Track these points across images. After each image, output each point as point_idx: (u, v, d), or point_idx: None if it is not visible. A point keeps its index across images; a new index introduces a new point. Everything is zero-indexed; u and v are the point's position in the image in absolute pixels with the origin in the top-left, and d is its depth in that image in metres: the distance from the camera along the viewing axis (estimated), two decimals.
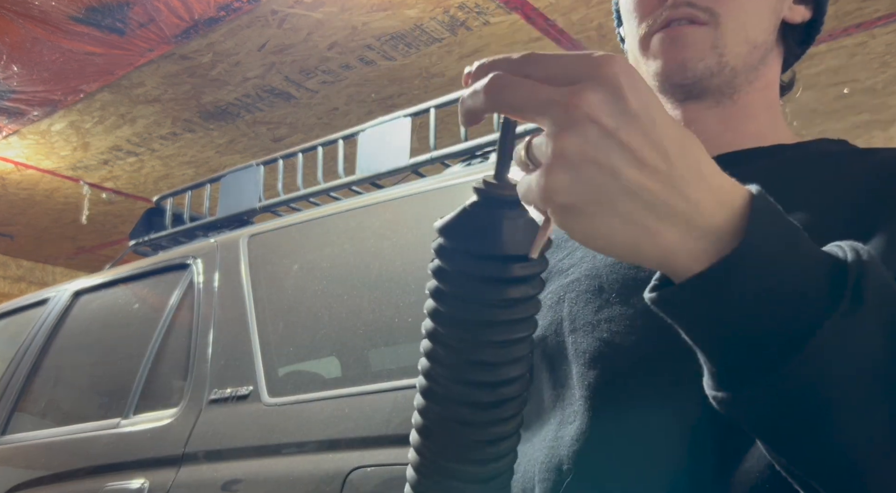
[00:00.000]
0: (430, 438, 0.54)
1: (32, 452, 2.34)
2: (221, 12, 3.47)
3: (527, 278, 0.51)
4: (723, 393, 0.45)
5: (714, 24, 0.69)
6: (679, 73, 0.70)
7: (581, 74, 0.42)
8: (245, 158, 4.87)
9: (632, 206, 0.42)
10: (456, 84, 3.90)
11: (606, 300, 0.66)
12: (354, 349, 1.87)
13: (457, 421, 0.53)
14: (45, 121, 4.50)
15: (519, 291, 0.51)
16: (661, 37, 0.70)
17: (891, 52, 3.83)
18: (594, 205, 0.42)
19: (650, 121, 0.42)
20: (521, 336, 0.52)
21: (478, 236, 0.50)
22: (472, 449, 0.53)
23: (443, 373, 0.52)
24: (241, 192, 2.55)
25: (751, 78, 0.73)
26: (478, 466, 0.54)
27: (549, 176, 0.42)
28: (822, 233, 0.60)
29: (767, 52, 0.74)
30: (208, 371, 1.94)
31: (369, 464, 1.50)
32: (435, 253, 0.52)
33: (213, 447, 1.79)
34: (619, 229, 0.42)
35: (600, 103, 0.41)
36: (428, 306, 0.53)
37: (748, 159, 0.70)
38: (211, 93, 4.22)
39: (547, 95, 0.42)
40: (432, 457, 0.54)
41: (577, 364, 0.65)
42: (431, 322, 0.53)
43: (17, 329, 2.80)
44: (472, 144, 2.00)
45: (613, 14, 0.85)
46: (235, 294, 2.05)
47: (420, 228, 1.90)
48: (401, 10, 3.47)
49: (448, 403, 0.53)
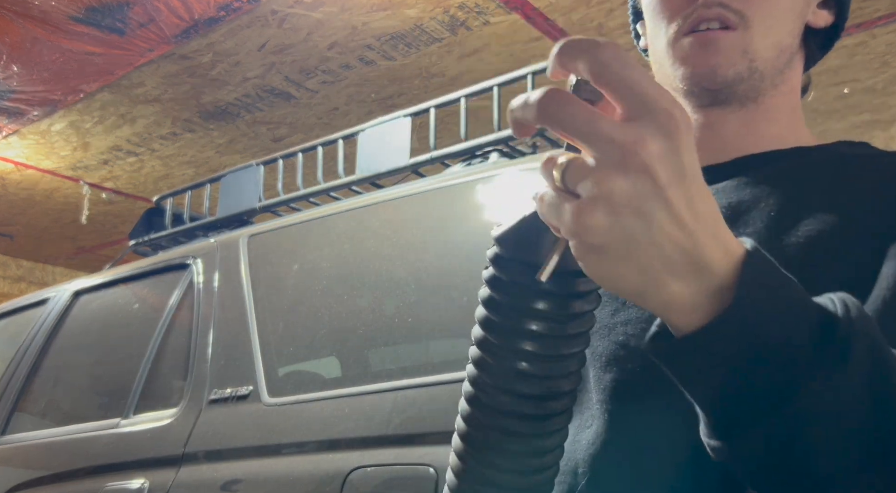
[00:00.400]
0: (472, 445, 0.53)
1: (32, 452, 2.34)
2: (221, 12, 3.47)
3: (586, 294, 0.50)
4: (716, 442, 0.46)
5: (744, 28, 0.68)
6: (709, 78, 0.69)
7: (648, 111, 0.40)
8: (245, 158, 4.87)
9: (653, 258, 0.42)
10: (456, 84, 3.90)
11: (623, 303, 0.66)
12: (354, 349, 1.87)
13: (502, 431, 0.52)
14: (45, 121, 4.49)
15: (578, 306, 0.50)
16: (691, 41, 0.69)
17: (891, 51, 3.83)
18: (620, 251, 0.41)
19: (693, 179, 0.42)
20: (573, 352, 0.51)
21: (539, 248, 0.48)
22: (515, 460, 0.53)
23: (490, 382, 0.52)
24: (241, 192, 2.54)
25: (776, 82, 0.72)
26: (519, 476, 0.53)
27: (588, 214, 0.41)
28: (840, 237, 0.60)
29: (793, 55, 0.73)
30: (208, 371, 1.94)
31: (369, 464, 1.50)
32: (491, 262, 0.51)
33: (213, 447, 1.79)
34: (631, 277, 0.42)
35: (660, 157, 0.40)
36: (479, 313, 0.52)
37: (767, 162, 0.70)
38: (211, 93, 4.22)
39: (606, 129, 0.40)
40: (473, 464, 0.54)
41: (594, 367, 0.65)
42: (482, 331, 0.52)
43: (17, 329, 2.80)
44: (472, 143, 1.99)
45: (629, 10, 0.84)
46: (235, 294, 2.04)
47: (420, 228, 1.90)
48: (401, 9, 3.47)
49: (495, 412, 0.52)
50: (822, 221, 0.61)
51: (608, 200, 0.40)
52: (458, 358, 1.63)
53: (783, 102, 0.74)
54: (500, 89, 1.98)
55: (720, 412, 0.46)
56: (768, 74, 0.71)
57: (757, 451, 0.44)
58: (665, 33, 0.71)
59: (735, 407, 0.45)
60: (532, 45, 3.79)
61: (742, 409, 0.44)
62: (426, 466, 1.41)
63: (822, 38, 0.78)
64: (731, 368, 0.44)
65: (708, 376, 0.45)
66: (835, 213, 0.62)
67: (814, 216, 0.62)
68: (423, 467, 1.41)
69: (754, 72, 0.69)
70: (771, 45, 0.70)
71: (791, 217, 0.63)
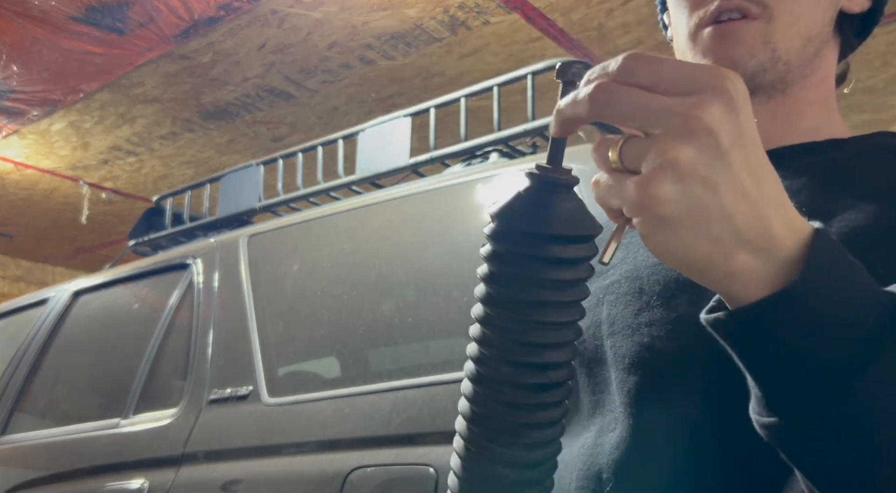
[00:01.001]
0: (476, 422, 0.53)
1: (32, 452, 2.34)
2: (221, 12, 3.47)
3: (581, 260, 0.50)
4: (770, 418, 0.45)
5: (766, 18, 0.66)
6: None
7: (701, 85, 0.41)
8: (245, 157, 4.87)
9: (723, 227, 0.41)
10: (456, 84, 3.90)
11: (647, 303, 0.64)
12: (354, 349, 1.87)
13: (504, 403, 0.52)
14: (45, 121, 4.49)
15: (574, 272, 0.50)
16: (710, 32, 0.68)
17: (891, 51, 3.83)
18: (691, 220, 0.41)
19: (754, 145, 0.42)
20: (570, 320, 0.51)
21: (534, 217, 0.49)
22: (519, 432, 0.52)
23: (492, 355, 0.52)
24: (241, 192, 2.54)
25: (805, 72, 0.70)
26: (524, 450, 0.53)
27: (655, 184, 0.41)
28: (877, 231, 0.58)
29: (823, 44, 0.71)
30: (208, 371, 1.94)
31: (369, 464, 1.50)
32: (489, 237, 0.51)
33: (213, 447, 1.79)
34: (700, 247, 0.42)
35: (723, 117, 0.40)
36: (479, 291, 0.52)
37: (801, 155, 0.68)
38: (211, 93, 4.22)
39: (663, 103, 0.41)
40: (478, 441, 0.53)
41: (617, 369, 0.64)
42: (483, 307, 0.52)
43: (17, 329, 2.80)
44: (472, 143, 1.99)
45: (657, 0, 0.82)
46: (235, 294, 2.04)
47: (420, 228, 1.90)
48: (401, 9, 3.47)
49: (496, 385, 0.52)
50: (856, 215, 0.60)
51: (674, 168, 0.40)
52: (458, 358, 1.63)
53: (814, 93, 0.72)
54: (499, 89, 1.98)
55: (781, 385, 0.44)
56: (795, 65, 0.69)
57: (810, 429, 0.43)
58: (687, 25, 0.70)
59: (794, 382, 0.43)
60: (532, 45, 3.79)
61: (801, 384, 0.43)
62: (426, 466, 1.41)
63: (858, 24, 0.75)
64: (794, 341, 0.43)
65: (769, 347, 0.44)
66: (871, 206, 0.60)
67: (848, 211, 0.60)
68: (423, 467, 1.41)
69: (777, 62, 0.67)
70: (796, 34, 0.68)
71: (825, 212, 0.61)
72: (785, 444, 0.45)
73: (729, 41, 0.67)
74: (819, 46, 0.70)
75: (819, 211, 0.61)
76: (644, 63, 0.42)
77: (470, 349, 0.54)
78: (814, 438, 0.44)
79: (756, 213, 0.42)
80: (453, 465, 0.56)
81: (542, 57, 3.81)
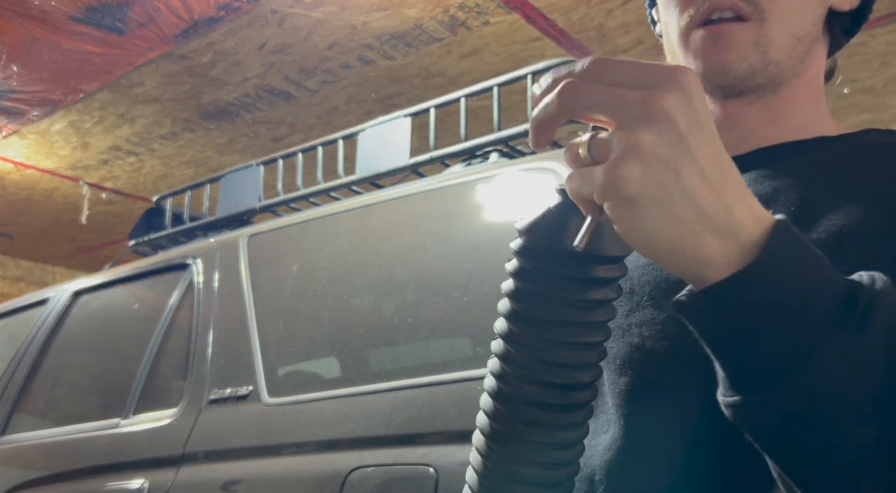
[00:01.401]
0: (495, 439, 0.53)
1: (32, 452, 2.34)
2: (221, 12, 3.47)
3: (610, 280, 0.50)
4: (732, 398, 0.46)
5: (758, 19, 0.66)
6: (720, 75, 0.67)
7: (657, 80, 0.44)
8: (245, 157, 4.87)
9: (687, 209, 0.44)
10: (456, 84, 3.90)
11: (637, 303, 0.64)
12: (354, 349, 1.87)
13: (526, 422, 0.51)
14: (45, 121, 4.49)
15: (602, 293, 0.50)
16: (702, 35, 0.67)
17: (891, 51, 3.83)
18: (655, 200, 0.43)
19: (711, 134, 0.45)
20: (596, 341, 0.51)
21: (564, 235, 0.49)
22: (539, 452, 0.52)
23: (515, 373, 0.51)
24: (241, 192, 2.54)
25: (796, 71, 0.70)
26: (542, 470, 0.52)
27: (620, 166, 0.43)
28: (865, 231, 0.58)
29: (813, 43, 0.71)
30: (208, 371, 1.94)
31: (369, 464, 1.50)
32: (516, 253, 0.51)
33: (213, 447, 1.79)
34: (668, 230, 0.44)
35: (678, 105, 0.44)
36: (503, 306, 0.52)
37: (788, 153, 0.68)
38: (211, 93, 4.22)
39: (625, 94, 0.44)
40: (496, 459, 0.53)
41: (608, 370, 0.64)
42: (507, 323, 0.52)
43: (17, 329, 2.80)
44: (472, 143, 1.99)
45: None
46: (235, 294, 2.04)
47: (420, 228, 1.90)
48: (401, 9, 3.47)
49: (518, 403, 0.51)
50: (845, 214, 0.59)
51: (637, 151, 0.43)
52: (457, 358, 1.63)
53: (804, 92, 0.72)
54: (499, 89, 1.98)
55: (741, 365, 0.46)
56: (786, 65, 0.68)
57: (773, 409, 0.45)
58: (677, 23, 0.69)
59: (755, 362, 0.45)
60: (532, 45, 3.79)
61: (762, 364, 0.45)
62: (426, 466, 1.41)
63: (847, 21, 0.75)
64: (752, 320, 0.45)
65: (729, 327, 0.45)
66: (859, 205, 0.60)
67: (837, 210, 0.60)
68: (423, 467, 1.41)
69: (769, 63, 0.67)
70: (788, 34, 0.67)
71: (812, 211, 0.61)
72: (747, 424, 0.46)
73: (720, 45, 0.66)
74: (809, 45, 0.70)
75: (807, 210, 0.61)
76: (608, 64, 0.46)
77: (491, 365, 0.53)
78: (770, 415, 0.45)
79: (719, 199, 0.44)
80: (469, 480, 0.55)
81: (542, 57, 3.81)
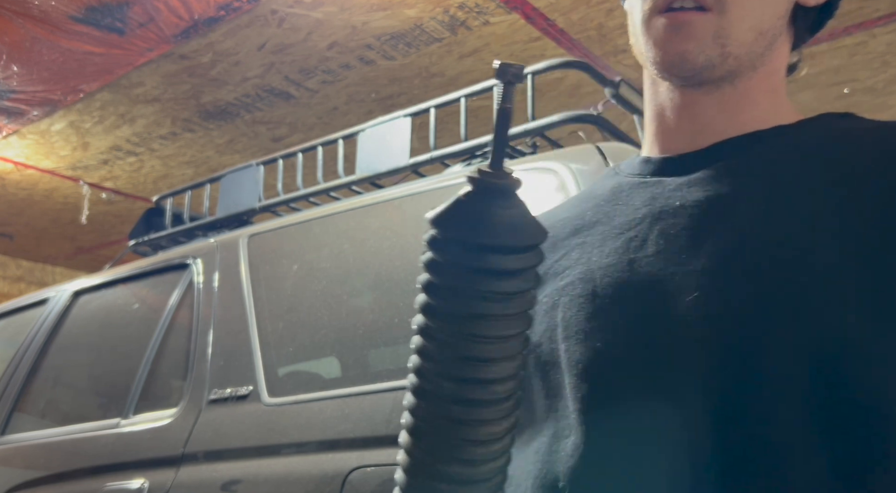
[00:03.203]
0: (419, 438, 0.52)
1: (32, 452, 2.34)
2: (221, 12, 3.46)
3: (522, 270, 0.49)
4: None
5: (719, 11, 0.66)
6: (678, 65, 0.67)
7: None
8: (245, 157, 4.87)
9: None
10: (456, 84, 3.90)
11: (600, 306, 0.63)
12: (354, 349, 1.86)
13: (447, 419, 0.50)
14: (45, 121, 4.49)
15: (513, 284, 0.49)
16: (664, 23, 0.67)
17: (891, 51, 3.83)
18: None
19: None
20: (514, 332, 0.50)
21: (473, 226, 0.48)
22: (463, 449, 0.51)
23: (433, 369, 0.50)
24: (241, 192, 2.54)
25: (755, 65, 0.70)
26: (468, 467, 0.51)
27: None
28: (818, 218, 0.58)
29: (776, 38, 0.70)
30: (208, 371, 1.94)
31: (369, 464, 1.49)
32: (427, 245, 0.50)
33: (213, 447, 1.79)
34: None
35: None
36: (419, 300, 0.51)
37: (745, 146, 0.68)
38: (210, 93, 4.22)
39: None
40: (421, 457, 0.52)
41: (570, 374, 0.63)
42: (422, 317, 0.51)
43: (17, 329, 2.80)
44: (472, 143, 1.99)
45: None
46: (235, 294, 2.04)
47: (420, 228, 1.90)
48: (401, 9, 3.47)
49: (438, 400, 0.50)
50: (811, 207, 0.59)
51: None
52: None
53: (763, 84, 0.71)
54: None
55: None
56: (745, 59, 0.68)
57: None
58: (640, 8, 0.69)
59: None
60: (532, 45, 3.79)
61: None
62: None
63: (812, 17, 0.75)
64: None
65: None
66: (823, 197, 0.60)
67: (802, 204, 0.60)
68: None
69: (727, 58, 0.67)
70: (748, 28, 0.67)
71: (777, 210, 0.60)
72: None
73: (680, 34, 0.66)
74: (771, 40, 0.70)
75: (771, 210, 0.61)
76: None
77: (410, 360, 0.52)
78: None
79: None
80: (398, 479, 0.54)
81: (542, 57, 3.81)
